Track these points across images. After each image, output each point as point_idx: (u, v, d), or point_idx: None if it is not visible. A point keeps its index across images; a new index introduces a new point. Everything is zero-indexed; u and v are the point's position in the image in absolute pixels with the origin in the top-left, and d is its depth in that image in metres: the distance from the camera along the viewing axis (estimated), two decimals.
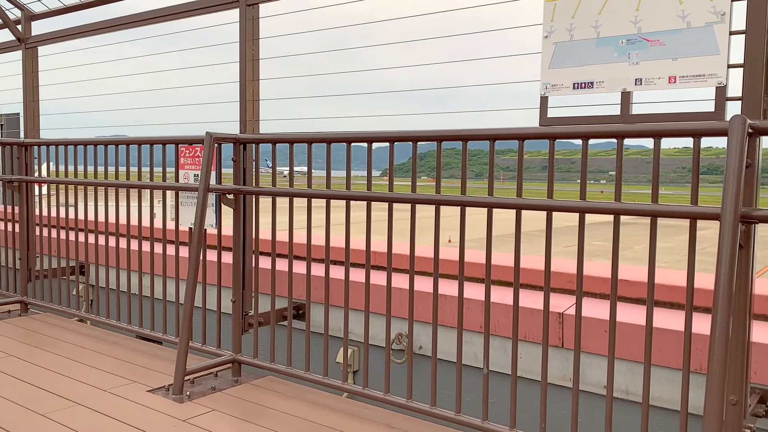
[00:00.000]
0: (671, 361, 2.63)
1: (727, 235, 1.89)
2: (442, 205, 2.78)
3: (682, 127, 2.21)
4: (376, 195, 2.91)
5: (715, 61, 2.23)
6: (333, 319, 3.36)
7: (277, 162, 3.40)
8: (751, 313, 2.16)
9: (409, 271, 2.86)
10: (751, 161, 2.08)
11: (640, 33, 2.39)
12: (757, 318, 2.66)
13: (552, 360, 2.92)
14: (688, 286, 2.20)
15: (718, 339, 1.84)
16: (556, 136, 2.51)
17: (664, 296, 2.98)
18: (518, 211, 2.59)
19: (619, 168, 2.38)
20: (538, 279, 3.28)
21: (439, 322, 2.92)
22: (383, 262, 3.08)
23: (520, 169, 2.64)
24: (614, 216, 2.37)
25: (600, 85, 2.50)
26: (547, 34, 2.59)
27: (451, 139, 2.77)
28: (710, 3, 2.24)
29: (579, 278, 2.44)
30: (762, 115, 2.17)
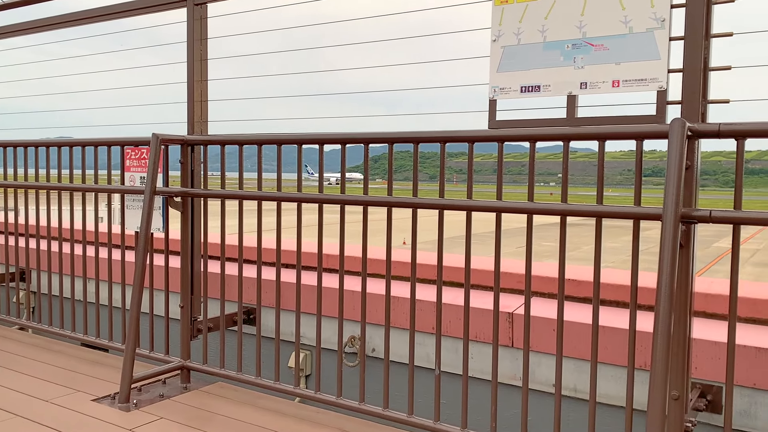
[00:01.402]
0: (617, 359, 2.69)
1: (668, 235, 1.94)
2: (393, 207, 2.79)
3: (625, 130, 2.27)
4: (328, 197, 2.89)
5: (656, 66, 2.30)
6: (284, 323, 3.32)
7: (227, 164, 3.34)
8: (691, 310, 2.23)
9: (362, 274, 2.85)
10: (691, 163, 2.14)
11: (585, 38, 2.44)
12: (697, 315, 2.75)
13: (502, 359, 2.95)
14: (632, 285, 2.25)
15: (660, 336, 1.89)
16: (504, 138, 2.54)
17: (610, 295, 3.05)
18: (468, 213, 2.61)
19: (565, 170, 2.43)
20: (489, 279, 3.32)
21: (392, 324, 2.92)
22: (335, 265, 3.06)
23: (470, 172, 2.67)
24: (561, 217, 2.41)
25: (547, 89, 2.54)
26: (495, 38, 2.63)
27: (403, 141, 2.78)
28: (651, 9, 2.30)
29: (527, 278, 2.48)
30: (700, 118, 2.24)
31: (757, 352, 2.43)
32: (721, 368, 2.15)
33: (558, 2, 2.47)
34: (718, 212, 2.06)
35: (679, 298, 2.18)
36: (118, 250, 3.73)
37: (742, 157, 2.05)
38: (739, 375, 2.42)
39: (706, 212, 2.06)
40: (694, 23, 2.25)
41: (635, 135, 2.23)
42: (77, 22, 4.35)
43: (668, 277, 1.91)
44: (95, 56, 5.24)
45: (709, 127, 2.09)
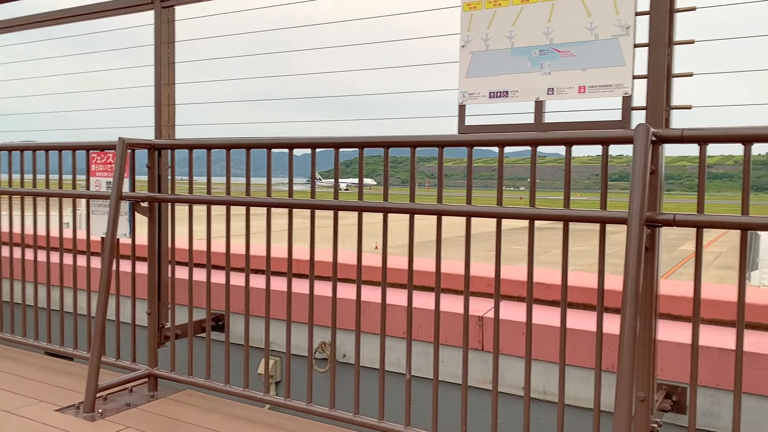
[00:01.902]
0: (585, 361, 2.72)
1: (634, 238, 1.97)
2: (364, 211, 2.78)
3: (591, 135, 2.30)
4: (298, 202, 2.88)
5: (621, 72, 2.34)
6: (254, 329, 3.29)
7: (194, 169, 3.30)
8: (656, 312, 2.27)
9: (332, 279, 2.84)
10: (655, 168, 2.18)
11: (552, 44, 2.47)
12: (663, 317, 2.79)
13: (472, 363, 2.96)
14: (599, 288, 2.28)
15: (626, 338, 1.92)
16: (473, 143, 2.56)
17: (578, 298, 3.09)
18: (439, 217, 2.62)
19: (533, 175, 2.45)
20: (460, 283, 3.33)
21: (363, 330, 2.91)
22: (306, 270, 3.04)
23: (440, 176, 2.68)
24: (529, 221, 2.43)
25: (515, 94, 2.57)
26: (464, 44, 2.64)
27: (373, 146, 2.78)
28: (616, 16, 2.34)
29: (497, 282, 2.49)
30: (664, 124, 2.28)
31: (720, 353, 2.49)
32: (686, 369, 2.19)
33: (525, 9, 2.50)
34: (681, 216, 2.10)
35: (644, 301, 2.21)
36: (84, 257, 3.65)
37: (704, 161, 2.09)
38: (703, 376, 2.46)
39: (670, 216, 2.10)
40: (657, 31, 2.29)
41: (601, 140, 2.27)
42: (42, 24, 4.27)
43: (634, 279, 1.94)
44: (60, 58, 5.14)
45: (672, 133, 2.13)
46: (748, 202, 2.01)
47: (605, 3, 2.35)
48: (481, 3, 2.58)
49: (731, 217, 2.04)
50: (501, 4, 2.54)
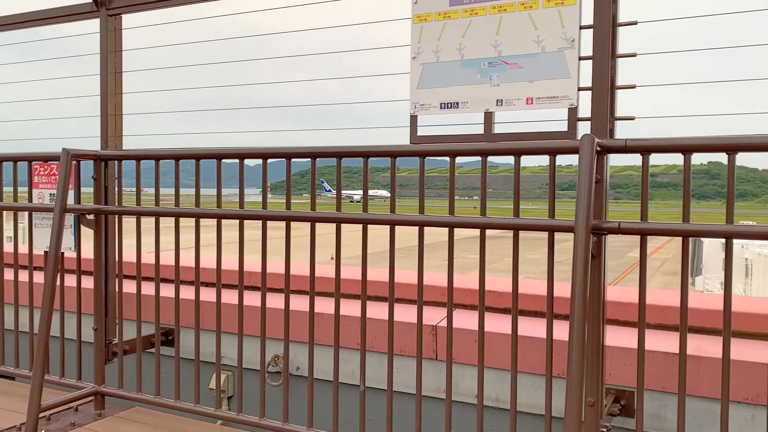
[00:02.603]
0: (536, 368, 2.76)
1: (581, 245, 2.02)
2: (317, 222, 2.77)
3: (538, 146, 2.35)
4: (249, 213, 2.84)
5: (566, 84, 2.40)
6: (204, 343, 3.22)
7: (143, 181, 3.23)
8: (604, 318, 2.32)
9: (285, 291, 2.81)
10: (600, 177, 2.24)
11: (500, 56, 2.52)
12: (611, 323, 2.86)
13: (426, 372, 2.97)
14: (548, 295, 2.32)
15: (574, 344, 1.95)
16: (425, 153, 2.58)
17: (529, 305, 3.13)
18: (392, 227, 2.63)
19: (484, 184, 2.48)
20: (414, 293, 3.34)
21: (316, 342, 2.88)
22: (258, 283, 3.00)
23: (393, 186, 2.69)
24: (480, 230, 2.46)
25: (465, 106, 2.60)
26: (415, 55, 2.67)
27: (326, 156, 2.77)
28: (561, 30, 2.40)
29: (449, 291, 2.51)
30: (608, 134, 2.35)
31: (665, 357, 2.56)
32: (634, 374, 2.24)
33: (474, 21, 2.54)
34: (626, 224, 2.15)
35: (592, 307, 2.26)
36: (26, 272, 3.52)
37: (647, 171, 2.16)
38: (650, 379, 2.53)
39: (615, 224, 2.15)
40: (601, 44, 2.36)
41: (548, 150, 2.31)
42: None
43: (581, 286, 1.98)
44: (2, 67, 4.97)
45: (616, 143, 2.19)
46: (688, 210, 2.08)
47: (551, 16, 2.41)
48: (431, 15, 2.61)
49: (673, 225, 2.11)
50: (450, 17, 2.58)
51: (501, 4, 2.49)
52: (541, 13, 2.42)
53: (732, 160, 1.99)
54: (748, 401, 2.40)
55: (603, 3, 2.34)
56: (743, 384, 2.37)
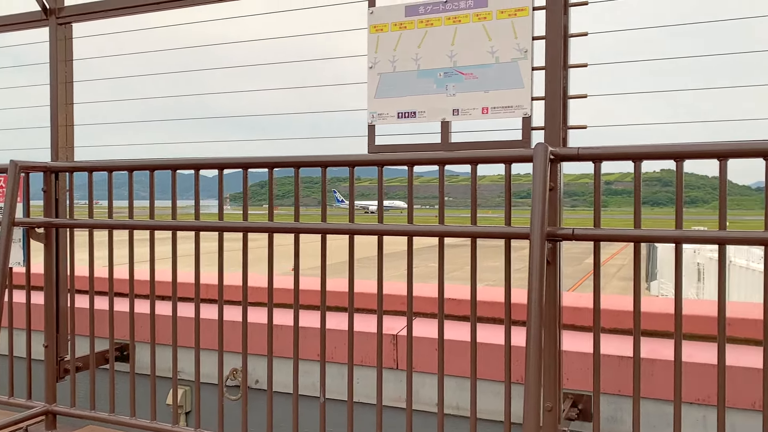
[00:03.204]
0: (496, 374, 2.78)
1: (536, 252, 2.04)
2: (275, 232, 2.74)
3: (494, 155, 2.38)
4: (205, 224, 2.80)
5: (520, 94, 2.44)
6: (161, 358, 3.15)
7: (95, 193, 3.15)
8: (560, 323, 2.35)
9: (242, 303, 2.78)
10: (554, 185, 2.28)
11: (456, 66, 2.55)
12: (567, 328, 2.90)
13: (387, 382, 2.97)
14: (506, 301, 2.35)
15: (532, 350, 1.97)
16: (383, 162, 2.58)
17: (488, 312, 3.16)
18: (351, 237, 2.62)
19: (442, 193, 2.50)
20: (374, 303, 3.33)
21: (276, 354, 2.85)
22: (215, 295, 2.95)
23: (352, 196, 2.69)
24: (439, 238, 2.47)
25: (422, 115, 2.62)
26: (372, 65, 2.68)
27: (283, 166, 2.75)
28: (515, 41, 2.44)
29: (409, 300, 2.51)
30: (561, 143, 2.40)
31: (620, 361, 2.61)
32: (590, 378, 2.27)
33: (430, 32, 2.56)
34: (580, 230, 2.20)
35: (548, 313, 2.29)
36: None
37: (599, 178, 2.21)
38: (606, 383, 2.57)
39: (569, 230, 2.19)
40: (553, 54, 2.41)
41: (504, 159, 2.34)
42: None
43: (537, 292, 2.00)
44: None
45: (569, 151, 2.23)
46: (639, 216, 2.13)
47: (504, 28, 2.45)
48: (387, 26, 2.63)
49: (624, 231, 2.16)
50: (406, 27, 2.60)
51: (456, 15, 2.53)
52: (495, 24, 2.46)
53: (680, 168, 2.05)
54: (700, 402, 2.46)
55: (554, 15, 2.40)
56: (695, 385, 2.44)
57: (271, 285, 2.73)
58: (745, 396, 2.39)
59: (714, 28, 69.24)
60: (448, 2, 2.53)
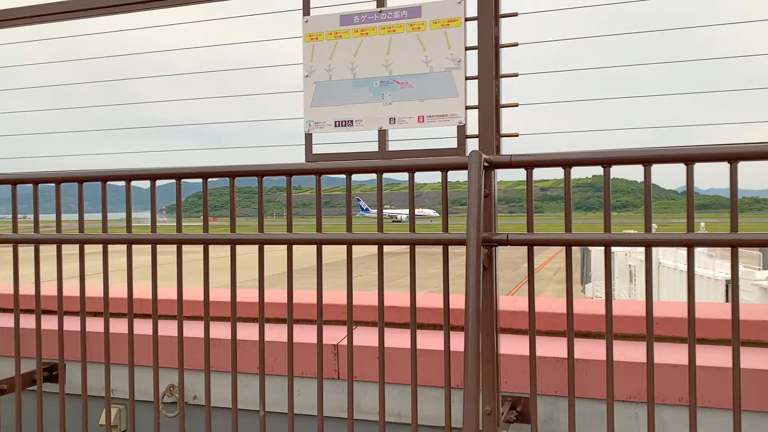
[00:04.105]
0: (436, 380, 2.80)
1: (472, 258, 2.08)
2: (210, 244, 2.69)
3: (430, 162, 2.41)
4: (137, 237, 2.72)
5: (455, 103, 2.48)
6: (93, 377, 3.03)
7: (20, 206, 3.01)
8: (498, 327, 2.39)
9: (178, 317, 2.70)
10: (489, 191, 2.33)
11: (391, 75, 2.57)
12: (505, 332, 2.96)
13: (329, 393, 2.94)
14: (444, 307, 2.37)
15: (470, 354, 2.00)
16: (321, 171, 2.57)
17: (429, 319, 3.18)
18: (289, 247, 2.59)
19: (380, 201, 2.51)
20: (314, 313, 3.31)
21: (213, 368, 2.79)
22: (149, 310, 2.87)
23: (289, 205, 2.66)
24: (378, 246, 2.48)
25: (359, 123, 2.63)
26: (307, 74, 2.67)
27: (217, 176, 2.71)
28: (448, 50, 2.49)
29: (349, 309, 2.50)
30: (495, 150, 2.45)
31: (556, 362, 2.67)
32: (528, 380, 2.32)
33: (365, 41, 2.58)
34: (514, 235, 2.25)
35: (486, 317, 2.33)
36: None
37: (531, 184, 2.26)
38: (543, 385, 2.63)
39: (504, 236, 2.24)
40: (485, 64, 2.47)
41: (440, 167, 2.38)
42: None
43: (474, 297, 2.03)
44: None
45: (502, 159, 2.28)
46: (570, 221, 2.19)
47: (438, 38, 2.49)
48: (322, 35, 2.62)
49: (557, 235, 2.22)
50: (341, 36, 2.60)
51: (390, 25, 2.55)
52: (429, 34, 2.50)
53: (607, 173, 2.13)
54: (632, 399, 2.55)
55: (486, 26, 2.45)
56: (626, 384, 2.52)
57: (207, 298, 2.67)
58: (673, 392, 2.49)
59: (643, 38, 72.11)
60: (383, 12, 2.55)
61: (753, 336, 2.70)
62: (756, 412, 2.38)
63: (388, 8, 2.56)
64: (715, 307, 2.98)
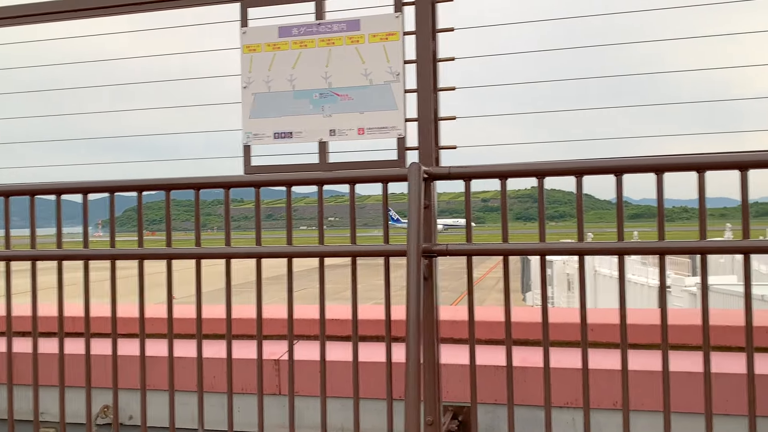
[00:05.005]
0: (378, 392, 2.80)
1: (413, 268, 2.09)
2: (145, 259, 2.61)
3: (370, 174, 2.42)
4: (69, 252, 2.62)
5: (394, 116, 2.50)
6: (20, 399, 2.89)
7: None
8: (438, 337, 2.41)
9: (112, 335, 2.61)
10: (429, 202, 2.35)
11: (331, 88, 2.57)
12: (446, 341, 2.98)
13: (270, 408, 2.90)
14: (386, 318, 2.38)
15: (411, 364, 2.01)
16: (260, 183, 2.54)
17: (370, 330, 3.18)
18: (228, 261, 2.55)
19: (321, 213, 2.50)
20: (254, 328, 3.25)
21: (150, 387, 2.70)
22: (81, 328, 2.76)
23: (227, 218, 2.62)
24: (319, 258, 2.47)
25: (299, 135, 2.62)
26: (246, 85, 2.64)
27: (153, 189, 2.64)
28: (387, 64, 2.51)
29: (290, 322, 2.48)
30: (434, 162, 2.48)
31: (495, 370, 2.71)
32: (469, 389, 2.34)
33: (304, 53, 2.57)
34: (454, 246, 2.28)
35: (426, 327, 2.34)
36: None
37: (469, 195, 2.30)
38: (483, 393, 2.66)
39: (443, 246, 2.26)
40: (424, 78, 2.50)
41: (380, 178, 2.39)
42: None
43: (415, 308, 2.04)
44: None
45: (441, 170, 2.31)
46: (506, 230, 2.24)
47: (377, 51, 2.51)
48: (260, 46, 2.61)
49: (494, 245, 2.26)
50: (280, 48, 2.59)
51: (329, 38, 2.56)
52: (368, 47, 2.52)
53: (541, 184, 2.19)
54: (569, 405, 2.61)
55: (423, 40, 2.49)
56: (563, 390, 2.58)
57: (142, 314, 2.59)
58: (608, 396, 2.57)
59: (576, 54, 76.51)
60: (321, 25, 2.56)
61: (682, 340, 2.81)
62: (686, 414, 2.47)
63: (326, 21, 2.57)
64: (648, 313, 3.09)
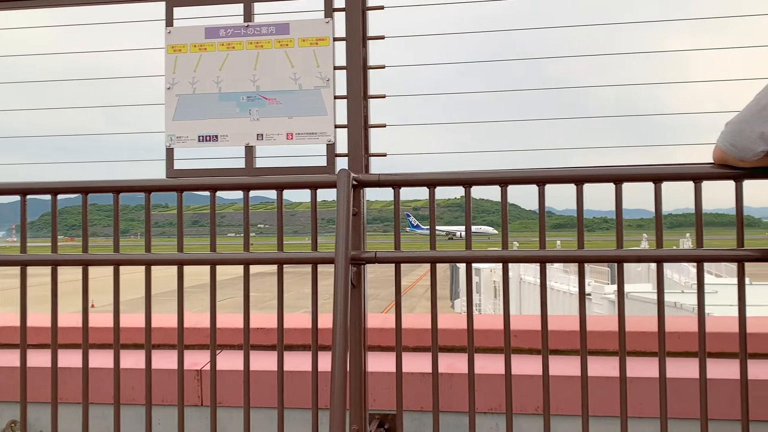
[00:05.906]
0: (304, 402, 2.75)
1: (340, 276, 2.07)
2: (60, 265, 2.48)
3: (299, 180, 2.39)
4: None
5: (324, 121, 2.48)
6: None
7: None
8: (365, 345, 2.40)
9: (20, 345, 2.46)
10: (358, 210, 2.34)
11: (259, 91, 2.53)
12: (373, 349, 2.97)
13: (191, 420, 2.80)
14: (313, 326, 2.34)
15: (337, 373, 1.98)
16: (183, 188, 2.47)
17: (297, 339, 3.13)
18: (148, 267, 2.46)
19: (246, 219, 2.44)
20: (176, 337, 3.14)
21: (62, 400, 2.56)
22: None
23: (148, 223, 2.52)
24: (244, 266, 2.41)
25: (224, 139, 2.55)
26: (169, 86, 2.56)
27: (68, 192, 2.52)
28: (317, 69, 2.49)
29: (212, 332, 2.41)
30: (364, 169, 2.47)
31: (422, 377, 2.72)
32: (395, 397, 2.33)
33: (231, 55, 2.52)
34: (382, 253, 2.27)
35: (354, 335, 2.33)
36: None
37: (398, 203, 2.31)
38: (409, 401, 2.66)
39: (372, 254, 2.26)
40: (354, 85, 2.49)
41: (309, 184, 2.36)
42: None
43: (342, 315, 2.02)
44: None
45: (370, 177, 2.31)
46: (434, 239, 2.26)
47: (307, 56, 2.48)
48: (185, 46, 2.53)
49: (422, 253, 2.28)
50: (206, 49, 2.52)
51: (258, 41, 2.51)
52: (297, 51, 2.49)
53: (468, 193, 2.21)
54: (493, 410, 2.65)
55: (354, 47, 2.48)
56: (487, 396, 2.62)
57: (55, 323, 2.45)
58: (530, 402, 2.62)
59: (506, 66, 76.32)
60: (250, 27, 2.51)
61: (600, 345, 2.91)
62: (603, 417, 2.56)
63: (255, 23, 2.52)
64: (569, 320, 3.19)
